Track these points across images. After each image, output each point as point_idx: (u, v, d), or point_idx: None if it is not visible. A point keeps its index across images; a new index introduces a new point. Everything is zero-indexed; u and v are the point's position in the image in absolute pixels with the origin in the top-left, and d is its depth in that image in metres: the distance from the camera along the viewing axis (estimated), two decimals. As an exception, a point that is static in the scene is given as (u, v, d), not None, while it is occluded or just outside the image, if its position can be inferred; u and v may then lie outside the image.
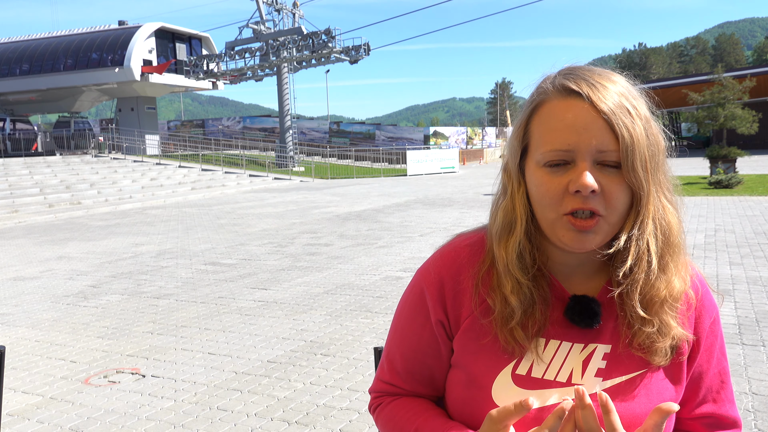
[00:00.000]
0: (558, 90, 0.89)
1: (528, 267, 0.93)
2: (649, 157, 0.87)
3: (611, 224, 0.88)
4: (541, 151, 0.88)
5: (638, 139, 0.85)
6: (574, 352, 0.93)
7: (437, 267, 1.01)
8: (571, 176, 0.85)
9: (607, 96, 0.86)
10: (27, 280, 7.89)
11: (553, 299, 0.95)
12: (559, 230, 0.88)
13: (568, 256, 0.94)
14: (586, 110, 0.85)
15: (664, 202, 0.91)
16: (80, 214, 16.92)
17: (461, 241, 1.03)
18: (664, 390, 0.92)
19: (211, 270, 8.06)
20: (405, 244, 9.47)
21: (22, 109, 41.08)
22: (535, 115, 0.91)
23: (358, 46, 31.44)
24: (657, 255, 0.89)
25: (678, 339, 0.92)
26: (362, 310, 5.72)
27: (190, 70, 35.37)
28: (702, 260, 7.30)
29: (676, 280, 0.91)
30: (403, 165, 33.29)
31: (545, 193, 0.87)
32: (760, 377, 3.76)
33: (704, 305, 0.97)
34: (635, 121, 0.86)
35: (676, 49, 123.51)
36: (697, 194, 15.16)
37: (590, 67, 0.92)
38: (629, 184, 0.86)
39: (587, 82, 0.87)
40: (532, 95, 0.94)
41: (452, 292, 0.99)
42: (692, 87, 24.98)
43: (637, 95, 0.90)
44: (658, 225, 0.90)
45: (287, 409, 3.60)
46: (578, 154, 0.85)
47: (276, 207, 16.72)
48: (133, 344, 4.99)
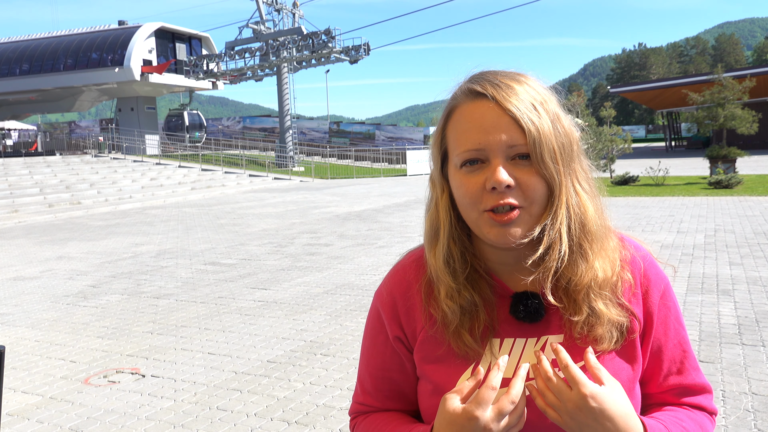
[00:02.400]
0: (466, 94, 0.93)
1: (457, 271, 0.95)
2: (558, 149, 0.90)
3: (533, 215, 0.90)
4: (456, 153, 0.92)
5: (545, 132, 0.88)
6: (528, 347, 0.95)
7: (389, 287, 1.06)
8: (486, 174, 0.88)
9: (511, 94, 0.90)
10: (27, 280, 7.89)
11: (497, 299, 0.97)
12: (483, 227, 0.90)
13: (505, 254, 0.96)
14: (492, 109, 0.89)
15: (579, 190, 0.93)
16: (80, 214, 16.92)
17: (409, 257, 1.08)
18: (619, 370, 0.93)
19: (211, 270, 8.06)
20: (405, 244, 9.47)
21: (22, 109, 41.12)
22: (449, 121, 0.95)
23: (358, 46, 31.45)
24: (569, 242, 0.91)
25: (617, 323, 0.93)
26: (362, 310, 5.72)
27: (190, 70, 35.39)
28: (702, 260, 7.31)
29: (599, 266, 0.92)
30: (403, 165, 33.32)
31: (465, 194, 0.91)
32: (760, 377, 3.76)
33: (650, 279, 0.98)
34: (541, 115, 0.89)
35: (676, 49, 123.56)
36: (697, 194, 15.16)
37: (497, 70, 0.95)
38: (541, 176, 0.89)
39: (492, 84, 0.91)
40: (446, 103, 0.97)
41: (404, 308, 1.02)
42: (692, 87, 24.95)
43: (545, 92, 0.93)
44: (572, 213, 0.91)
45: (287, 409, 3.60)
46: (490, 152, 0.88)
47: (276, 207, 16.72)
48: (133, 344, 4.99)
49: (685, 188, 16.72)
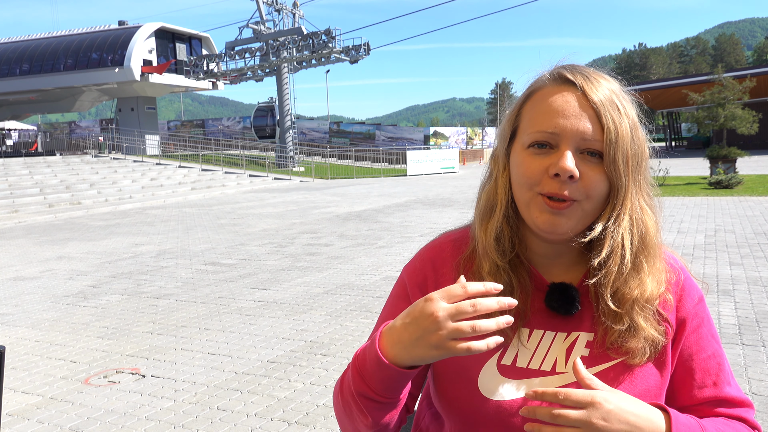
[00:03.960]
0: (554, 78, 0.93)
1: (506, 251, 0.95)
2: (631, 155, 0.89)
3: (585, 211, 0.89)
4: (528, 132, 0.91)
5: (623, 134, 0.88)
6: (557, 341, 0.94)
7: (421, 260, 1.05)
8: (552, 160, 0.87)
9: (600, 89, 0.89)
10: (27, 280, 7.89)
11: (533, 289, 0.96)
12: (534, 210, 0.89)
13: (548, 246, 0.95)
14: (578, 98, 0.89)
15: (642, 204, 0.92)
16: (80, 214, 16.92)
17: (446, 237, 1.07)
18: (648, 375, 0.92)
19: (211, 270, 8.06)
20: (405, 245, 9.47)
21: (22, 109, 41.12)
22: (528, 101, 0.94)
23: (358, 46, 31.46)
24: (631, 251, 0.90)
25: (653, 340, 0.91)
26: (362, 310, 5.72)
27: (190, 70, 35.39)
28: (702, 260, 7.30)
29: (650, 282, 0.91)
30: (403, 165, 33.30)
31: (524, 173, 0.90)
32: (760, 377, 3.76)
33: (685, 289, 0.98)
34: (623, 118, 0.89)
35: (676, 50, 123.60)
36: (697, 194, 15.15)
37: (588, 66, 0.95)
38: (609, 176, 0.88)
39: (582, 74, 0.91)
40: (528, 84, 0.97)
41: (435, 282, 1.01)
42: (692, 87, 24.93)
43: (629, 99, 0.93)
44: (634, 223, 0.91)
45: (287, 409, 3.60)
46: (563, 139, 0.87)
47: (276, 207, 16.72)
48: (133, 344, 4.99)
49: (686, 188, 16.72)
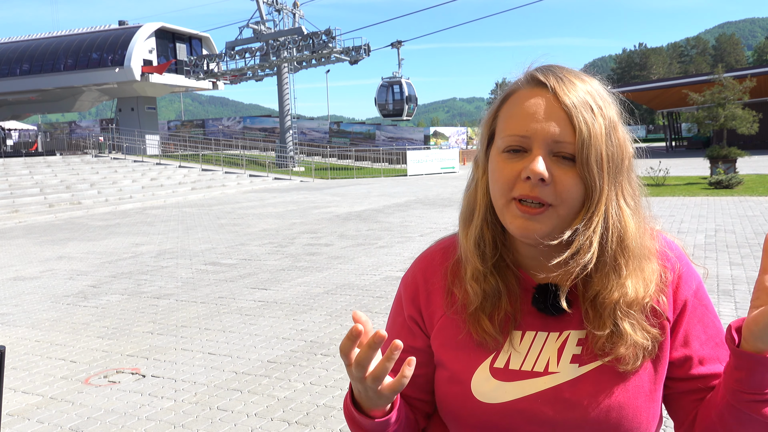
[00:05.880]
0: (527, 80, 0.92)
1: (486, 255, 0.95)
2: (606, 157, 0.87)
3: (561, 216, 0.88)
4: (502, 136, 0.90)
5: (596, 136, 0.86)
6: (550, 341, 0.93)
7: (413, 271, 1.07)
8: (525, 164, 0.87)
9: (572, 91, 0.88)
10: (27, 280, 7.89)
11: (521, 291, 0.96)
12: (507, 216, 0.89)
13: (532, 249, 0.95)
14: (549, 101, 0.87)
15: (622, 204, 0.90)
16: (80, 214, 16.92)
17: (438, 245, 1.08)
18: (642, 371, 0.91)
19: (211, 270, 8.06)
20: (405, 245, 9.47)
21: (22, 109, 41.12)
22: (504, 104, 0.93)
23: (358, 47, 31.46)
24: (601, 254, 0.88)
25: (642, 346, 0.89)
26: (362, 310, 5.72)
27: (190, 70, 35.39)
28: (702, 260, 7.30)
29: (631, 284, 0.89)
30: (403, 165, 33.28)
31: (498, 178, 0.89)
32: (761, 377, 3.76)
33: (683, 277, 0.94)
34: (597, 119, 0.87)
35: (676, 49, 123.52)
36: (697, 194, 15.15)
37: (565, 66, 0.93)
38: (582, 179, 0.87)
39: (555, 76, 0.89)
40: (505, 87, 0.96)
41: (426, 292, 1.02)
42: (692, 87, 24.93)
43: (608, 99, 0.91)
44: (611, 225, 0.89)
45: (287, 409, 3.60)
46: (534, 142, 0.87)
47: (276, 207, 16.72)
48: (133, 344, 4.99)
49: (686, 188, 16.71)
